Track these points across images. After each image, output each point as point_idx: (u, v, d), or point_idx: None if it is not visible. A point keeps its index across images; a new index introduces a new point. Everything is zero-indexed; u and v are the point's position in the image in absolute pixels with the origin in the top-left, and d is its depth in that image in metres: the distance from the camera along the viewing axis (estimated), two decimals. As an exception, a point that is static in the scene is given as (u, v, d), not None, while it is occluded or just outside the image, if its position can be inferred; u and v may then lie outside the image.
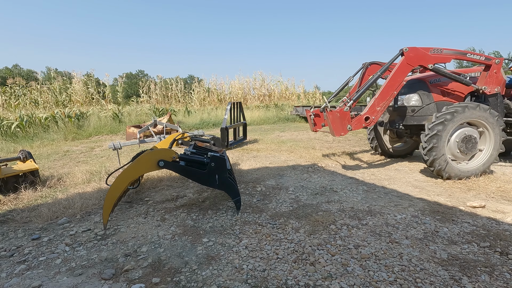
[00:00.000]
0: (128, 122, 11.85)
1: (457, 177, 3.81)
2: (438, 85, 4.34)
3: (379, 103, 3.86)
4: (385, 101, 3.87)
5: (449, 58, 3.98)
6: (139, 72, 55.15)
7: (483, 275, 1.81)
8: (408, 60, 3.82)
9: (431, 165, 3.76)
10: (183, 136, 4.06)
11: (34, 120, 10.35)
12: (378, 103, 3.86)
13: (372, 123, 3.90)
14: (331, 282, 1.78)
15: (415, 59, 3.82)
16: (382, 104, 3.86)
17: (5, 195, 3.50)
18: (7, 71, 39.02)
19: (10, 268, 2.03)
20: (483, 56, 4.05)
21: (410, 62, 3.83)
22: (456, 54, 3.97)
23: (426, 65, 3.85)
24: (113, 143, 4.30)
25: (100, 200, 3.33)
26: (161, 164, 2.61)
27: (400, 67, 3.85)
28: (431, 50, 3.84)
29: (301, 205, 3.09)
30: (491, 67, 4.02)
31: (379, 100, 3.86)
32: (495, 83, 4.07)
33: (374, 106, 3.87)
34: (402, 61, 3.85)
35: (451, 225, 2.54)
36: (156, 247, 2.26)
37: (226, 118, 6.76)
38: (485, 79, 4.05)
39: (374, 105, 3.87)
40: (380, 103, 3.86)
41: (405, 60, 3.82)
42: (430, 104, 4.28)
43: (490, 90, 4.06)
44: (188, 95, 22.79)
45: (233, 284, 1.78)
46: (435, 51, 3.86)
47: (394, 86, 3.88)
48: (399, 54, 3.91)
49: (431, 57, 3.85)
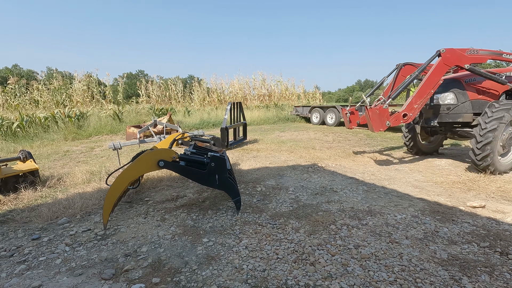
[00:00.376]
0: (128, 122, 11.85)
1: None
2: (473, 84, 4.50)
3: (417, 101, 4.08)
4: (422, 99, 4.10)
5: (485, 58, 4.14)
6: (139, 72, 55.19)
7: (483, 275, 1.81)
8: (445, 61, 4.04)
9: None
10: (183, 136, 4.06)
11: (34, 120, 10.35)
12: (416, 101, 4.07)
13: (410, 119, 4.09)
14: (331, 282, 1.78)
15: (451, 60, 4.02)
16: (419, 102, 4.09)
17: (5, 195, 3.50)
18: (7, 71, 39.00)
19: (10, 268, 2.03)
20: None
21: (447, 63, 4.05)
22: (492, 55, 4.15)
23: (462, 65, 4.05)
24: (113, 143, 4.30)
25: (100, 200, 3.33)
26: (161, 164, 2.61)
27: (437, 67, 4.07)
28: (467, 51, 4.03)
29: (301, 205, 3.09)
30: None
31: (416, 98, 4.07)
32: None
33: (412, 104, 4.08)
34: (439, 62, 4.06)
35: (451, 225, 2.54)
36: (156, 247, 2.26)
37: (226, 118, 6.76)
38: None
39: (412, 102, 4.08)
40: (417, 101, 4.08)
41: (442, 61, 4.05)
42: (465, 102, 4.45)
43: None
44: (188, 95, 22.79)
45: (233, 284, 1.78)
46: (471, 51, 4.06)
47: (431, 85, 4.09)
48: (435, 55, 4.13)
49: (468, 58, 4.04)
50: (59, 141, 8.89)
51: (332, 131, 10.13)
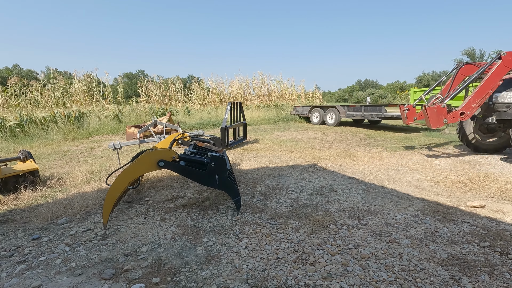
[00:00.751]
0: (128, 122, 11.85)
1: None
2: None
3: (475, 100, 4.33)
4: (481, 99, 4.35)
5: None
6: (139, 72, 55.20)
7: (483, 275, 1.81)
8: (505, 63, 4.33)
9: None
10: (183, 136, 4.06)
11: (34, 120, 10.35)
12: (474, 100, 4.33)
13: (467, 117, 4.35)
14: (331, 282, 1.78)
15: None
16: (478, 101, 4.34)
17: (5, 195, 3.50)
18: (7, 71, 39.01)
19: (10, 268, 2.03)
20: None
21: (507, 65, 4.33)
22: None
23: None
24: (113, 143, 4.30)
25: (100, 200, 3.33)
26: (161, 164, 2.61)
27: (498, 69, 4.35)
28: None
29: (301, 205, 3.09)
30: None
31: (475, 98, 4.32)
32: None
33: (470, 103, 4.35)
34: (500, 64, 4.34)
35: (451, 225, 2.54)
36: (156, 247, 2.26)
37: (226, 118, 6.76)
38: None
39: (470, 101, 4.35)
40: (476, 100, 4.33)
41: (503, 63, 4.33)
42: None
43: None
44: (188, 95, 22.80)
45: (233, 284, 1.78)
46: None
47: (491, 86, 4.36)
48: (496, 58, 4.43)
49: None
50: (59, 141, 8.89)
51: (332, 131, 10.13)
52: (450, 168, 4.64)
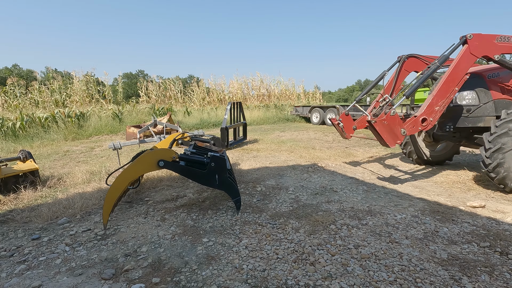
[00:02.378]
0: (128, 122, 11.85)
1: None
2: (497, 81, 3.74)
3: (438, 101, 3.30)
4: (445, 99, 3.33)
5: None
6: (139, 72, 55.18)
7: (483, 275, 1.81)
8: (472, 49, 3.27)
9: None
10: (183, 136, 4.06)
11: (34, 120, 10.35)
12: (437, 101, 3.29)
13: (430, 125, 3.34)
14: (331, 282, 1.78)
15: (480, 49, 3.28)
16: (441, 102, 3.31)
17: (5, 195, 3.50)
18: (7, 71, 38.99)
19: (10, 268, 2.03)
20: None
21: (474, 52, 3.28)
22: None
23: (492, 56, 3.31)
24: (113, 143, 4.30)
25: (100, 200, 3.33)
26: (161, 164, 2.61)
27: (463, 58, 3.28)
28: (497, 38, 3.34)
29: (301, 205, 3.09)
30: None
31: (437, 98, 3.29)
32: None
33: (432, 106, 3.29)
34: (465, 51, 3.29)
35: (451, 225, 2.54)
36: (156, 247, 2.26)
37: (226, 118, 6.76)
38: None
39: (432, 104, 3.28)
40: (439, 101, 3.30)
41: (469, 50, 3.27)
42: (488, 103, 3.68)
43: None
44: (188, 95, 22.80)
45: (233, 284, 1.78)
46: (501, 39, 3.36)
47: (456, 81, 3.31)
48: (460, 43, 3.35)
49: (498, 46, 3.32)
50: (59, 141, 8.89)
51: (332, 131, 10.13)
52: (450, 168, 4.64)
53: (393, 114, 3.23)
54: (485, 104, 3.70)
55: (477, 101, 3.74)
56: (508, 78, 3.72)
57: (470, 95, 3.78)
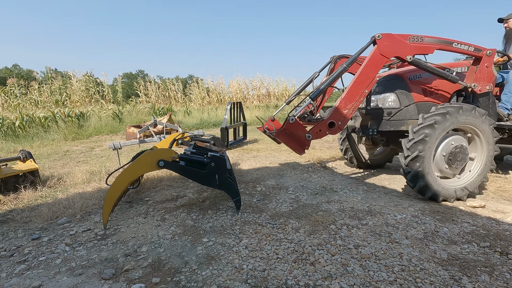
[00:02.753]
0: (128, 122, 11.85)
1: (445, 198, 3.08)
2: (419, 83, 3.59)
3: (347, 104, 3.08)
4: (354, 102, 3.10)
5: (432, 48, 3.22)
6: (139, 72, 55.17)
7: (483, 275, 1.81)
8: (381, 50, 3.05)
9: (413, 180, 3.04)
10: (183, 136, 4.06)
11: (34, 120, 10.35)
12: (345, 105, 3.08)
13: (338, 130, 3.13)
14: (331, 282, 1.78)
15: (390, 49, 3.08)
16: (350, 106, 3.09)
17: (5, 195, 3.50)
18: (7, 71, 38.97)
19: (10, 268, 2.03)
20: (472, 46, 3.29)
21: (384, 53, 3.06)
22: (440, 43, 3.21)
23: (404, 57, 3.11)
24: (113, 143, 4.30)
25: (100, 200, 3.33)
26: (161, 164, 2.61)
27: (372, 59, 3.07)
28: (409, 38, 3.13)
29: (301, 205, 3.09)
30: (482, 60, 3.32)
31: (346, 101, 3.08)
32: (486, 80, 3.37)
33: (340, 109, 3.07)
34: (374, 52, 3.08)
35: (451, 225, 2.54)
36: (156, 247, 2.26)
37: (226, 118, 6.76)
38: (475, 75, 3.36)
39: (340, 107, 3.07)
40: (347, 104, 3.08)
41: (378, 50, 3.05)
42: (409, 105, 3.53)
43: (480, 88, 3.36)
44: (188, 95, 22.80)
45: (233, 284, 1.78)
46: (414, 39, 3.14)
47: (365, 83, 3.09)
48: (370, 43, 3.14)
49: (410, 47, 3.12)
50: (59, 141, 8.89)
51: (332, 131, 10.12)
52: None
53: (292, 122, 3.02)
54: (406, 107, 3.55)
55: (398, 103, 3.58)
56: (430, 79, 3.56)
57: (391, 97, 3.63)
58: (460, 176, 3.26)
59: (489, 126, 3.14)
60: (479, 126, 3.10)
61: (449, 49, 3.26)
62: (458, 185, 3.16)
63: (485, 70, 3.36)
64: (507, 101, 3.76)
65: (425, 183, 2.99)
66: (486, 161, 3.18)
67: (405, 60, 3.14)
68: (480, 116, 3.09)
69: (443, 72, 3.32)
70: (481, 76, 3.37)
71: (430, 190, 3.02)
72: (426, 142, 2.93)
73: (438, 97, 3.59)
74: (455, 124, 3.01)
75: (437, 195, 3.04)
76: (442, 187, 3.06)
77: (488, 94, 3.48)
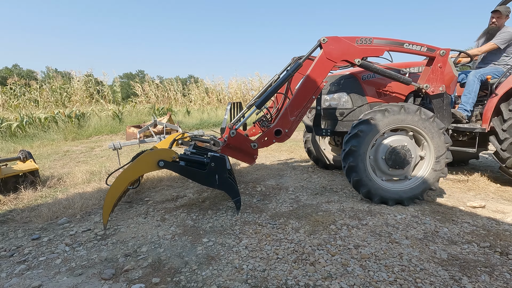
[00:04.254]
0: (128, 122, 11.85)
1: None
2: (372, 83, 3.48)
3: (293, 111, 2.99)
4: (302, 109, 3.02)
5: (382, 49, 3.10)
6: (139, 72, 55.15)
7: (483, 275, 1.81)
8: (328, 54, 2.93)
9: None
10: (183, 136, 4.06)
11: (34, 120, 10.35)
12: (292, 112, 2.98)
13: (286, 137, 3.06)
14: (331, 282, 1.78)
15: (337, 53, 2.96)
16: (297, 112, 3.01)
17: (5, 195, 3.50)
18: (7, 71, 38.97)
19: (10, 268, 2.03)
20: (424, 46, 3.15)
21: (331, 57, 2.95)
22: (390, 45, 3.10)
23: (352, 60, 3.02)
24: (113, 143, 4.30)
25: (100, 200, 3.33)
26: (161, 164, 2.61)
27: (318, 64, 2.96)
28: (357, 40, 3.02)
29: (301, 205, 3.09)
30: (435, 60, 3.17)
31: (293, 108, 2.98)
32: (439, 81, 3.22)
33: (286, 117, 2.98)
34: (320, 56, 2.96)
35: (451, 225, 2.54)
36: (156, 247, 2.26)
37: (226, 118, 6.74)
38: (427, 76, 3.22)
39: (286, 114, 2.98)
40: (294, 111, 2.99)
41: (324, 55, 2.93)
42: (362, 106, 3.45)
43: (433, 89, 3.21)
44: (188, 95, 22.79)
45: (233, 284, 1.78)
46: (362, 41, 3.04)
47: (312, 89, 2.99)
48: (316, 46, 3.01)
49: (358, 49, 3.02)
50: (59, 141, 8.89)
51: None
52: (450, 168, 4.64)
53: (233, 135, 2.89)
54: (359, 107, 3.46)
55: (351, 104, 3.49)
56: (385, 80, 3.43)
57: (344, 98, 3.53)
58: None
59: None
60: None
61: (401, 50, 3.15)
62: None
63: (438, 70, 3.21)
64: (466, 102, 3.64)
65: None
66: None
67: (354, 63, 3.05)
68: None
69: (394, 74, 3.19)
70: (434, 77, 3.21)
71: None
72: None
73: (392, 98, 3.49)
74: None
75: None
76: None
77: (442, 95, 3.29)
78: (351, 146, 2.91)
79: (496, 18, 3.73)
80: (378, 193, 2.98)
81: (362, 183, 2.96)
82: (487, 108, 3.51)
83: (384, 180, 3.08)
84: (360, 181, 2.96)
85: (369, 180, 2.96)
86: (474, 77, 3.63)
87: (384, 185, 3.03)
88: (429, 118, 2.94)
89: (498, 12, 3.70)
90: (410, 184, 3.05)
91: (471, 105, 3.63)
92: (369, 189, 2.97)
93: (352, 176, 2.97)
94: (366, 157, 2.95)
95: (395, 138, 3.03)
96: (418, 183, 3.02)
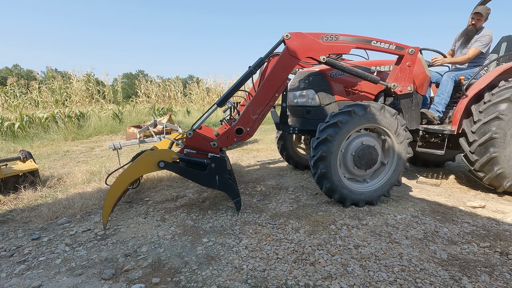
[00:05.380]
0: (128, 122, 11.84)
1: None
2: (341, 81, 3.38)
3: (255, 110, 2.91)
4: (264, 107, 2.94)
5: (348, 47, 3.00)
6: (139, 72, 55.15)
7: (483, 275, 1.81)
8: (291, 51, 2.83)
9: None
10: (183, 137, 4.06)
11: (34, 120, 10.34)
12: (254, 110, 2.91)
13: (247, 136, 3.00)
14: (331, 282, 1.78)
15: (301, 49, 2.86)
16: (259, 111, 2.93)
17: (5, 195, 3.50)
18: (7, 71, 38.98)
19: (10, 268, 2.03)
20: (393, 44, 3.08)
21: (294, 54, 2.85)
22: (357, 42, 3.00)
23: (317, 57, 2.91)
24: (113, 143, 4.30)
25: (100, 200, 3.33)
26: (161, 165, 2.61)
27: (281, 61, 2.87)
28: (323, 37, 2.92)
29: (301, 205, 3.09)
30: (403, 58, 3.10)
31: (254, 106, 2.91)
32: (407, 80, 3.15)
33: (248, 115, 2.91)
34: (283, 53, 2.87)
35: (451, 225, 2.55)
36: (156, 247, 2.26)
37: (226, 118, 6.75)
38: (396, 74, 3.14)
39: (247, 112, 2.91)
40: (256, 110, 2.92)
41: (288, 51, 2.84)
42: (330, 104, 3.36)
43: (401, 88, 3.15)
44: (188, 95, 22.79)
45: (233, 284, 1.78)
46: (328, 37, 2.94)
47: (275, 87, 2.91)
48: (280, 42, 2.94)
49: (323, 46, 2.91)
50: (59, 141, 8.89)
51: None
52: (450, 168, 4.64)
53: (190, 136, 2.81)
54: (327, 105, 3.37)
55: (318, 101, 3.40)
56: (354, 77, 3.35)
57: (310, 95, 3.42)
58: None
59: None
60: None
61: (368, 47, 3.07)
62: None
63: (407, 69, 3.13)
64: (439, 103, 3.57)
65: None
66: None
67: (319, 60, 2.94)
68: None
69: (361, 72, 3.10)
70: (402, 76, 3.14)
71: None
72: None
73: (361, 96, 3.42)
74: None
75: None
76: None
77: (410, 95, 3.25)
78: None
79: (476, 20, 3.57)
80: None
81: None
82: (457, 109, 3.41)
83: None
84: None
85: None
86: (448, 78, 3.56)
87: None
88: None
89: (479, 14, 3.53)
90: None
91: (443, 106, 3.56)
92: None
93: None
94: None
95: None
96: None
